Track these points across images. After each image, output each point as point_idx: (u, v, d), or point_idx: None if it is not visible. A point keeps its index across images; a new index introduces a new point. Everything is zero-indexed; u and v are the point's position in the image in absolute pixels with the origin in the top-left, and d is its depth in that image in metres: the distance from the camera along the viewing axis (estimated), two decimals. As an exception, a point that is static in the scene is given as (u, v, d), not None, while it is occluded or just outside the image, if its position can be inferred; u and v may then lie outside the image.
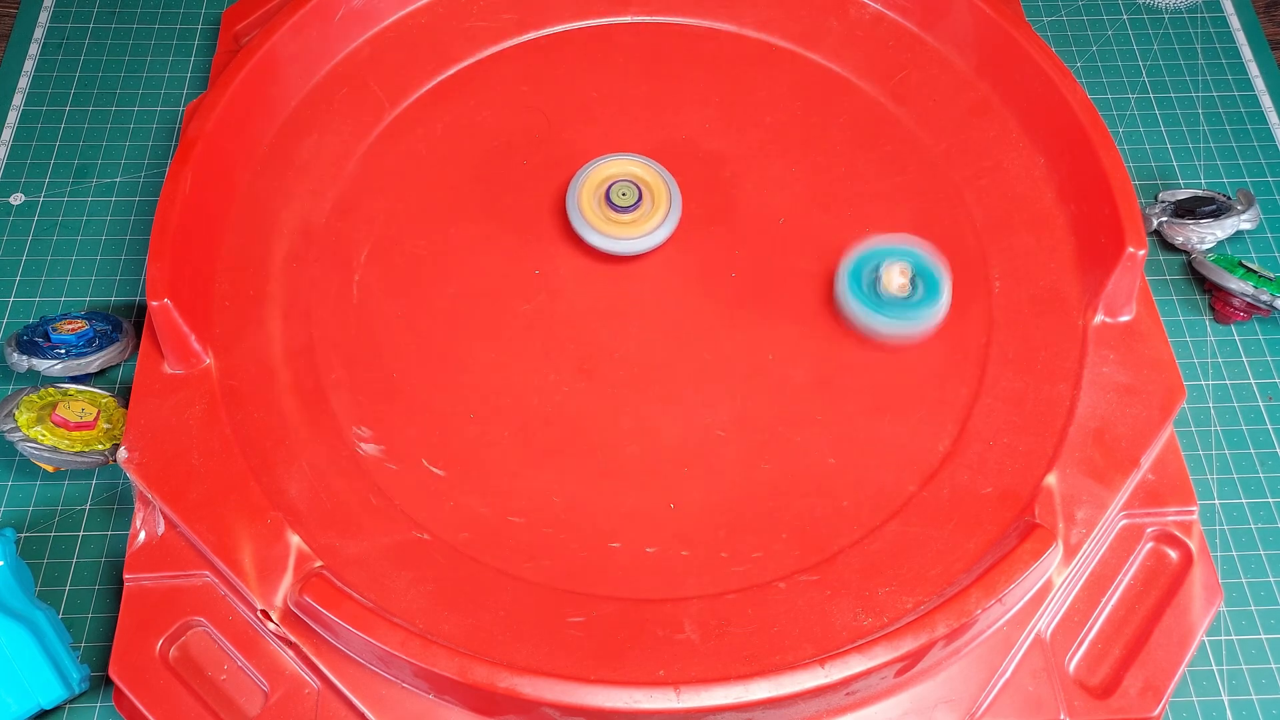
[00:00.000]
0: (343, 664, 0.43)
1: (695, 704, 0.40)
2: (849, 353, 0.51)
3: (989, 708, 0.43)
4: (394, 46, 0.58)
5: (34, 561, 0.49)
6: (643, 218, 0.52)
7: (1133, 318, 0.50)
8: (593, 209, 0.52)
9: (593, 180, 0.52)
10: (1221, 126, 0.64)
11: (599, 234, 0.51)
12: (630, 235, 0.51)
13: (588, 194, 0.52)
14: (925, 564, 0.45)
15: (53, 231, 0.58)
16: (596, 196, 0.52)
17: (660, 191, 0.52)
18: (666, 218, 0.52)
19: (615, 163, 0.53)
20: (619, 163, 0.53)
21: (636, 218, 0.52)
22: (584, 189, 0.52)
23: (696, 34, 0.60)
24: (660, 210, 0.52)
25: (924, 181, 0.55)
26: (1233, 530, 0.51)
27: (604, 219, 0.51)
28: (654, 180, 0.52)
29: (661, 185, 0.52)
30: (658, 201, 0.52)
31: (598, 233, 0.51)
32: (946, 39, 0.59)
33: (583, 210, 0.52)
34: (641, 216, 0.52)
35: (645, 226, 0.51)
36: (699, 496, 0.47)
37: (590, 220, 0.51)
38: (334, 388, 0.49)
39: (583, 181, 0.52)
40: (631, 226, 0.51)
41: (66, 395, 0.51)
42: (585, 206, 0.52)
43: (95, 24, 0.66)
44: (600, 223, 0.51)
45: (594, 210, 0.52)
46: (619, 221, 0.51)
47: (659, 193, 0.52)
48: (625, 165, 0.53)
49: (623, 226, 0.51)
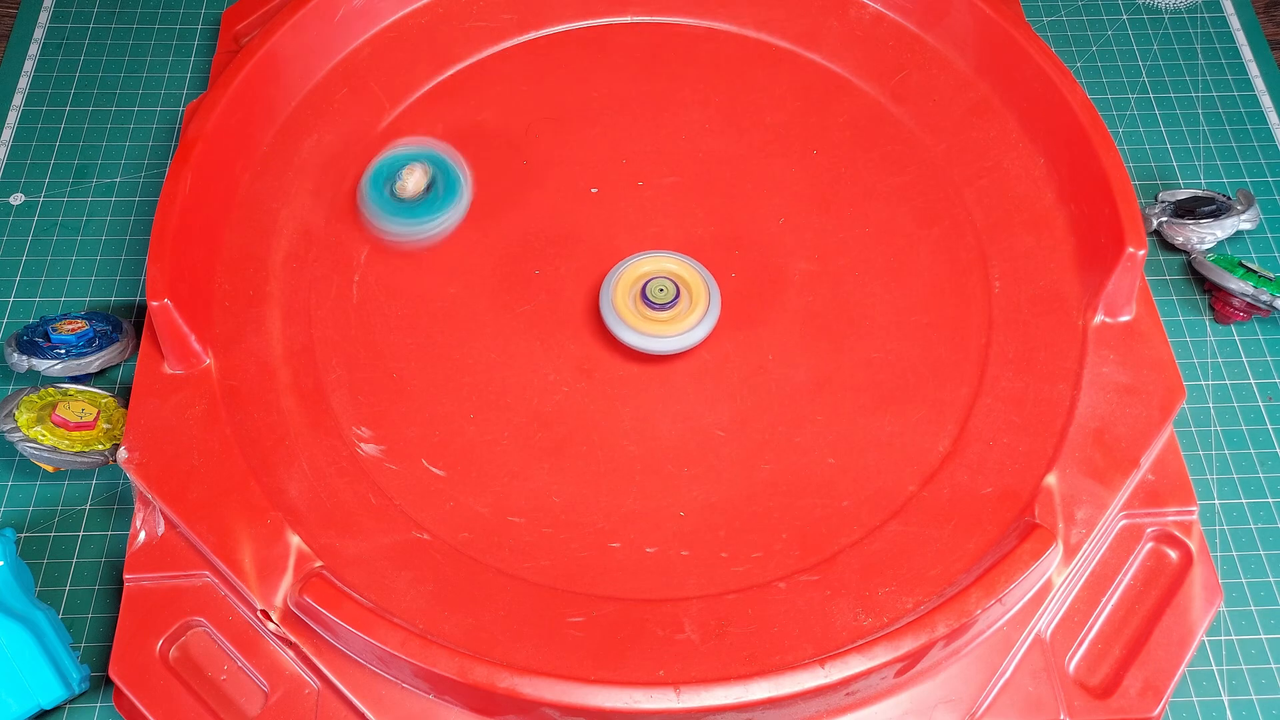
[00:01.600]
0: (343, 664, 0.43)
1: (695, 704, 0.40)
2: (849, 353, 0.51)
3: (989, 708, 0.43)
4: (394, 46, 0.58)
5: (34, 561, 0.49)
6: (680, 315, 0.49)
7: (1133, 318, 0.50)
8: (629, 307, 0.50)
9: (628, 278, 0.50)
10: (1221, 126, 0.64)
11: (635, 332, 0.49)
12: (669, 334, 0.49)
13: (623, 292, 0.50)
14: (925, 564, 0.45)
15: (53, 231, 0.58)
16: (633, 294, 0.50)
17: (699, 289, 0.50)
18: (705, 315, 0.50)
19: (651, 260, 0.51)
20: (655, 260, 0.51)
21: (675, 315, 0.49)
22: (619, 287, 0.50)
23: (696, 34, 0.60)
24: (699, 308, 0.50)
25: (924, 181, 0.55)
26: (1233, 530, 0.51)
27: (640, 317, 0.49)
28: (691, 277, 0.51)
29: (700, 283, 0.50)
30: (696, 299, 0.50)
31: (634, 331, 0.49)
32: (946, 39, 0.59)
33: (618, 309, 0.50)
34: (680, 314, 0.49)
35: (685, 324, 0.49)
36: (699, 496, 0.47)
37: (627, 319, 0.49)
38: (334, 388, 0.49)
39: (617, 279, 0.50)
40: (669, 325, 0.49)
41: (66, 395, 0.51)
42: (620, 304, 0.50)
43: (95, 24, 0.66)
44: (637, 321, 0.49)
45: (629, 308, 0.50)
46: (657, 319, 0.49)
47: (697, 290, 0.50)
48: (661, 263, 0.51)
49: (661, 324, 0.49)
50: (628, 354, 0.51)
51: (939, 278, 0.52)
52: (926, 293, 0.52)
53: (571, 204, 0.55)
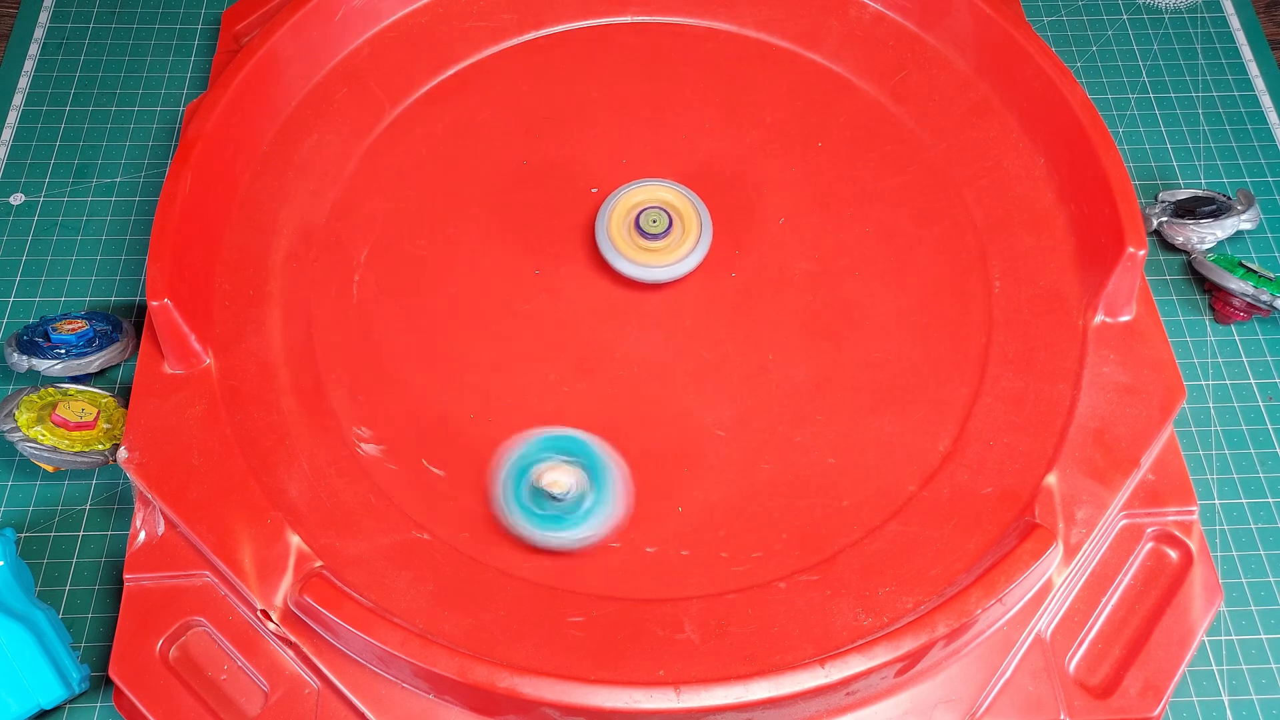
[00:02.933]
0: (343, 664, 0.43)
1: (695, 704, 0.40)
2: (849, 353, 0.51)
3: (989, 708, 0.43)
4: (394, 46, 0.58)
5: (34, 561, 0.49)
6: (674, 244, 0.51)
7: (1133, 318, 0.50)
8: (623, 236, 0.51)
9: (622, 207, 0.52)
10: (1221, 126, 0.64)
11: (630, 262, 0.50)
12: (662, 263, 0.50)
13: (617, 221, 0.51)
14: (925, 564, 0.45)
15: (53, 231, 0.58)
16: (627, 224, 0.51)
17: (690, 218, 0.51)
18: (698, 244, 0.51)
19: (644, 189, 0.52)
20: (648, 189, 0.52)
21: (668, 244, 0.51)
22: (613, 216, 0.51)
23: (696, 34, 0.60)
24: (691, 237, 0.51)
25: (924, 181, 0.55)
26: (1233, 530, 0.51)
27: (635, 246, 0.51)
28: (684, 206, 0.52)
29: (692, 211, 0.52)
30: (688, 228, 0.51)
31: (629, 260, 0.50)
32: (946, 39, 0.59)
33: (613, 238, 0.51)
34: (673, 243, 0.51)
35: (677, 253, 0.51)
36: (699, 496, 0.47)
37: (621, 248, 0.51)
38: (334, 388, 0.49)
39: (611, 208, 0.51)
40: (663, 254, 0.51)
41: (66, 395, 0.51)
42: (615, 234, 0.51)
43: (95, 24, 0.66)
44: (631, 250, 0.51)
45: (624, 238, 0.51)
46: (650, 249, 0.51)
47: (689, 219, 0.51)
48: (655, 191, 0.52)
49: (654, 254, 0.51)
50: (628, 354, 0.51)
51: (939, 278, 0.52)
52: (926, 293, 0.52)
53: (571, 204, 0.55)
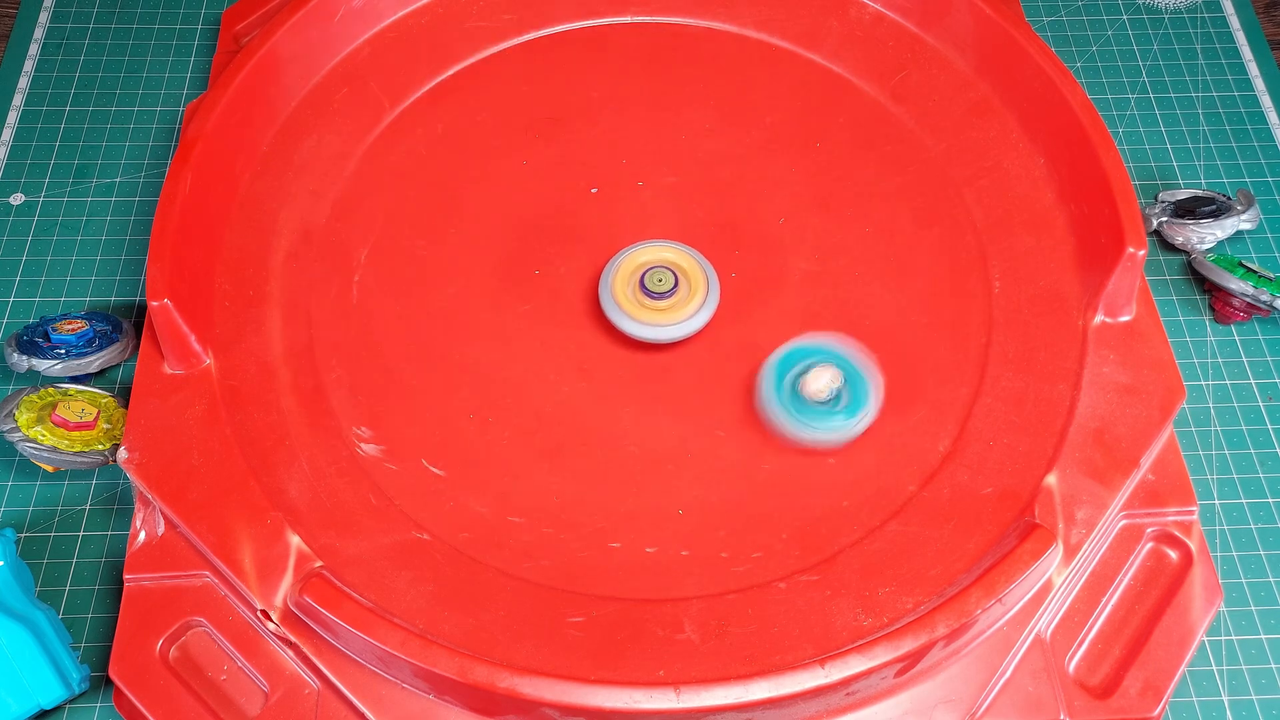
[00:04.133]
0: (343, 664, 0.43)
1: (695, 704, 0.40)
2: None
3: (989, 708, 0.43)
4: (394, 46, 0.58)
5: (34, 561, 0.49)
6: (679, 304, 0.50)
7: (1133, 318, 0.50)
8: (627, 296, 0.50)
9: (626, 267, 0.51)
10: (1221, 126, 0.64)
11: (635, 321, 0.49)
12: (668, 322, 0.49)
13: (621, 282, 0.50)
14: (925, 564, 0.45)
15: (53, 231, 0.58)
16: (631, 284, 0.50)
17: (697, 278, 0.50)
18: (705, 303, 0.50)
19: (650, 250, 0.51)
20: (654, 250, 0.51)
21: (674, 303, 0.49)
22: (618, 276, 0.50)
23: (696, 34, 0.60)
24: (698, 296, 0.50)
25: (924, 181, 0.55)
26: (1233, 530, 0.51)
27: (639, 306, 0.49)
28: (690, 266, 0.51)
29: (699, 271, 0.50)
30: (695, 288, 0.50)
31: (634, 320, 0.49)
32: (946, 39, 0.59)
33: (617, 298, 0.50)
34: (679, 302, 0.50)
35: (683, 312, 0.49)
36: (699, 496, 0.47)
37: (626, 308, 0.49)
38: (334, 388, 0.49)
39: (616, 269, 0.50)
40: (668, 314, 0.49)
41: (66, 395, 0.51)
42: (620, 294, 0.50)
43: (95, 24, 0.66)
44: (636, 310, 0.49)
45: (628, 297, 0.50)
46: (656, 309, 0.49)
47: (696, 279, 0.50)
48: (660, 252, 0.51)
49: (660, 313, 0.49)
50: (628, 354, 0.51)
51: (939, 278, 0.52)
52: (926, 293, 0.52)
53: (571, 204, 0.55)
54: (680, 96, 0.58)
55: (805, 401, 0.47)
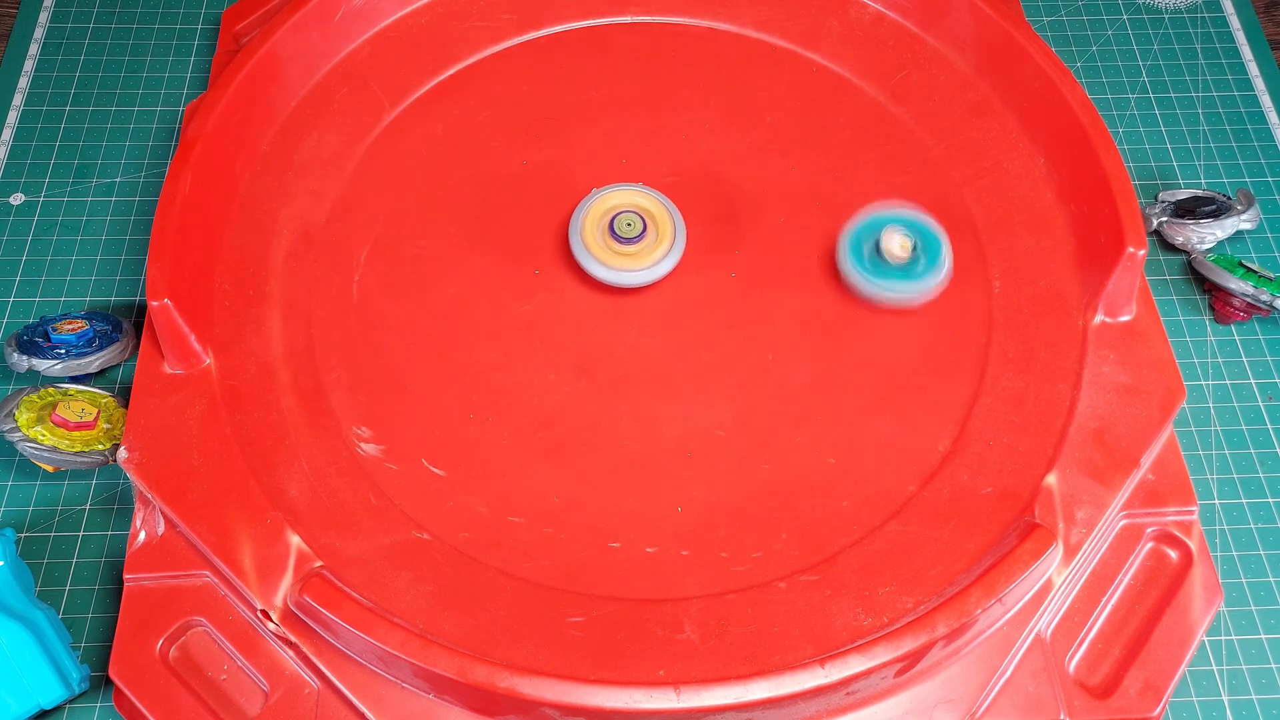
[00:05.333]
0: (343, 664, 0.43)
1: (695, 704, 0.40)
2: (849, 353, 0.51)
3: (989, 708, 0.43)
4: (394, 46, 0.58)
5: (34, 561, 0.49)
6: (647, 249, 0.51)
7: (1133, 318, 0.50)
8: (596, 240, 0.51)
9: (596, 211, 0.52)
10: (1221, 126, 0.64)
11: (603, 266, 0.50)
12: (635, 267, 0.51)
13: (591, 225, 0.51)
14: (925, 564, 0.45)
15: (53, 231, 0.58)
16: (600, 228, 0.51)
17: (665, 223, 0.51)
18: (671, 249, 0.51)
19: (619, 193, 0.52)
20: (622, 193, 0.52)
21: (641, 249, 0.51)
22: (587, 220, 0.51)
23: (696, 34, 0.60)
24: (665, 242, 0.51)
25: (924, 181, 0.55)
26: (1233, 530, 0.51)
27: (608, 251, 0.51)
28: (658, 211, 0.52)
29: (666, 216, 0.52)
30: (662, 233, 0.51)
31: (602, 264, 0.50)
32: (946, 39, 0.59)
33: (586, 242, 0.51)
34: (646, 248, 0.51)
35: (650, 258, 0.51)
36: (699, 496, 0.47)
37: (594, 252, 0.51)
38: (334, 388, 0.49)
39: (585, 213, 0.52)
40: (636, 259, 0.51)
41: (66, 395, 0.51)
42: (589, 238, 0.51)
43: (95, 24, 0.66)
44: (605, 254, 0.51)
45: (598, 242, 0.51)
46: (623, 253, 0.51)
47: (663, 224, 0.51)
48: (629, 196, 0.52)
49: (627, 258, 0.51)
50: (628, 355, 0.51)
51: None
52: (926, 293, 0.52)
53: (572, 204, 0.54)
54: (680, 96, 0.58)
55: (883, 263, 0.51)
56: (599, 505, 0.47)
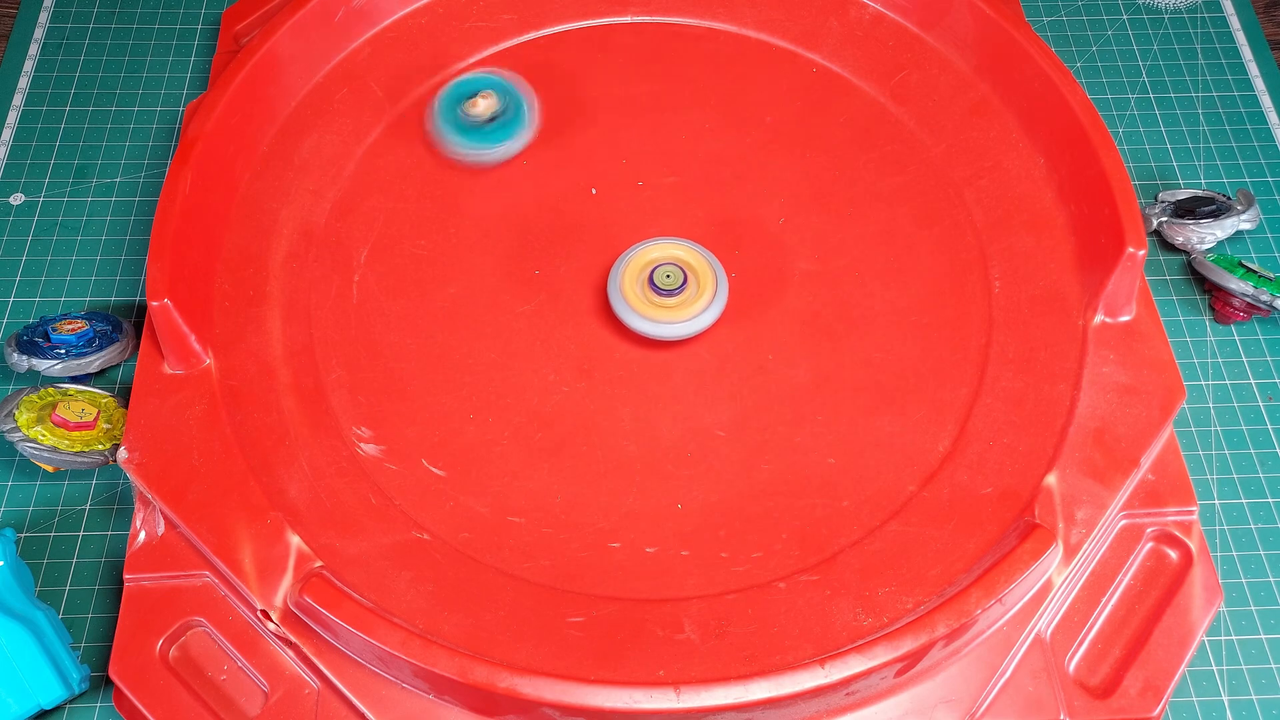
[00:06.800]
0: (343, 664, 0.43)
1: (695, 704, 0.40)
2: (849, 353, 0.51)
3: (989, 708, 0.43)
4: (394, 46, 0.58)
5: (34, 561, 0.49)
6: (688, 301, 0.50)
7: (1133, 318, 0.50)
8: (636, 294, 0.50)
9: (636, 264, 0.51)
10: (1221, 126, 0.64)
11: (644, 319, 0.49)
12: (676, 320, 0.49)
13: (630, 278, 0.50)
14: (925, 564, 0.45)
15: (53, 231, 0.58)
16: (640, 281, 0.50)
17: (706, 275, 0.50)
18: (713, 300, 0.50)
19: (659, 246, 0.51)
20: (662, 247, 0.51)
21: (682, 300, 0.50)
22: (627, 273, 0.50)
23: (696, 34, 0.60)
24: (706, 294, 0.50)
25: (924, 181, 0.55)
26: (1233, 530, 0.51)
27: (648, 303, 0.50)
28: (699, 264, 0.51)
29: (707, 269, 0.51)
30: (703, 285, 0.50)
31: (642, 317, 0.49)
32: (946, 39, 0.59)
33: (626, 295, 0.50)
34: (687, 300, 0.50)
35: (691, 310, 0.49)
36: (699, 496, 0.47)
37: (635, 305, 0.49)
38: (334, 388, 0.49)
39: (625, 265, 0.51)
40: (677, 311, 0.49)
41: (66, 395, 0.51)
42: (628, 290, 0.50)
43: (95, 24, 0.66)
44: (644, 306, 0.49)
45: (638, 295, 0.50)
46: (663, 305, 0.49)
47: (705, 276, 0.50)
48: (669, 249, 0.51)
49: (668, 311, 0.49)
50: (627, 354, 0.51)
51: (939, 278, 0.52)
52: (926, 293, 0.52)
53: (571, 204, 0.55)
54: (680, 96, 0.58)
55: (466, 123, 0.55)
56: (599, 505, 0.47)
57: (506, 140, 0.55)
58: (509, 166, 0.56)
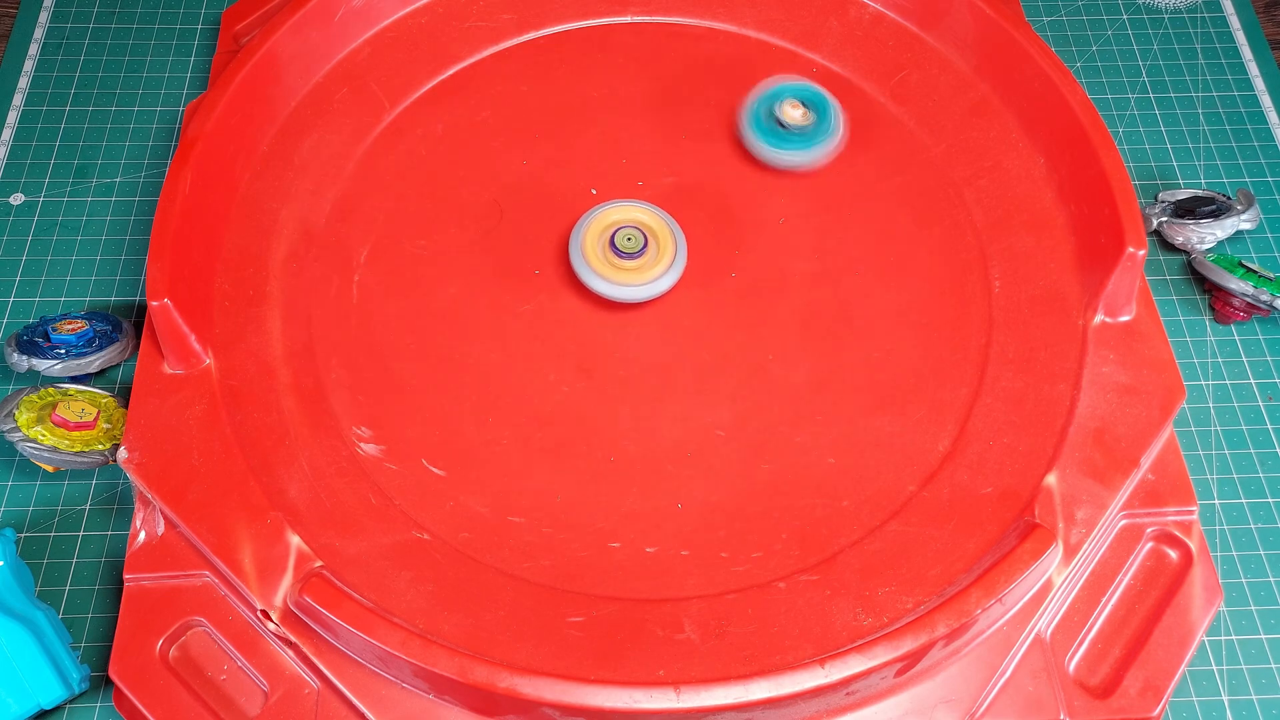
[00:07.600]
0: (343, 664, 0.43)
1: (695, 704, 0.40)
2: (849, 353, 0.51)
3: (989, 708, 0.43)
4: (394, 46, 0.58)
5: (34, 561, 0.49)
6: (648, 265, 0.51)
7: (1133, 318, 0.50)
8: (597, 255, 0.51)
9: (597, 226, 0.51)
10: (1221, 126, 0.64)
11: (604, 280, 0.50)
12: (635, 282, 0.50)
13: (592, 240, 0.51)
14: (925, 564, 0.45)
15: (53, 231, 0.58)
16: (602, 243, 0.51)
17: (665, 239, 0.51)
18: (671, 265, 0.51)
19: (620, 209, 0.52)
20: (624, 209, 0.52)
21: (642, 264, 0.51)
22: (588, 234, 0.51)
23: (696, 34, 0.60)
24: (665, 257, 0.51)
25: (924, 181, 0.55)
26: (1233, 530, 0.51)
27: (609, 265, 0.50)
28: (659, 227, 0.52)
29: (667, 232, 0.52)
30: (663, 249, 0.51)
31: (602, 279, 0.50)
32: (946, 39, 0.59)
33: (587, 256, 0.51)
34: (647, 263, 0.51)
35: (651, 273, 0.50)
36: (699, 496, 0.47)
37: (595, 266, 0.50)
38: (334, 388, 0.49)
39: (586, 227, 0.51)
40: (636, 274, 0.50)
41: (66, 395, 0.51)
42: (590, 252, 0.51)
43: (95, 24, 0.66)
44: (605, 269, 0.50)
45: (599, 256, 0.51)
46: (624, 268, 0.50)
47: (664, 240, 0.51)
48: (630, 211, 0.52)
49: (628, 273, 0.50)
50: (627, 354, 0.51)
51: (939, 278, 0.52)
52: (926, 293, 0.52)
53: (572, 204, 0.55)
54: (680, 96, 0.58)
55: (779, 130, 0.55)
56: (599, 505, 0.47)
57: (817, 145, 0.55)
58: (509, 167, 0.56)
